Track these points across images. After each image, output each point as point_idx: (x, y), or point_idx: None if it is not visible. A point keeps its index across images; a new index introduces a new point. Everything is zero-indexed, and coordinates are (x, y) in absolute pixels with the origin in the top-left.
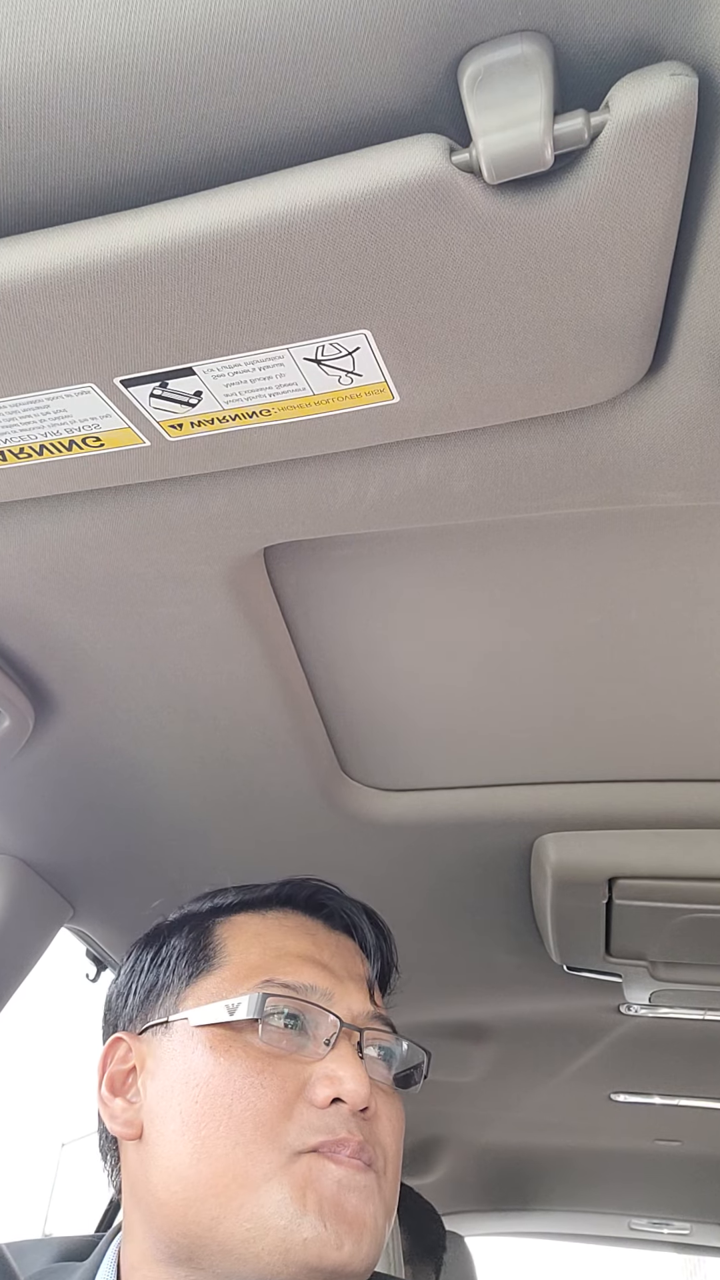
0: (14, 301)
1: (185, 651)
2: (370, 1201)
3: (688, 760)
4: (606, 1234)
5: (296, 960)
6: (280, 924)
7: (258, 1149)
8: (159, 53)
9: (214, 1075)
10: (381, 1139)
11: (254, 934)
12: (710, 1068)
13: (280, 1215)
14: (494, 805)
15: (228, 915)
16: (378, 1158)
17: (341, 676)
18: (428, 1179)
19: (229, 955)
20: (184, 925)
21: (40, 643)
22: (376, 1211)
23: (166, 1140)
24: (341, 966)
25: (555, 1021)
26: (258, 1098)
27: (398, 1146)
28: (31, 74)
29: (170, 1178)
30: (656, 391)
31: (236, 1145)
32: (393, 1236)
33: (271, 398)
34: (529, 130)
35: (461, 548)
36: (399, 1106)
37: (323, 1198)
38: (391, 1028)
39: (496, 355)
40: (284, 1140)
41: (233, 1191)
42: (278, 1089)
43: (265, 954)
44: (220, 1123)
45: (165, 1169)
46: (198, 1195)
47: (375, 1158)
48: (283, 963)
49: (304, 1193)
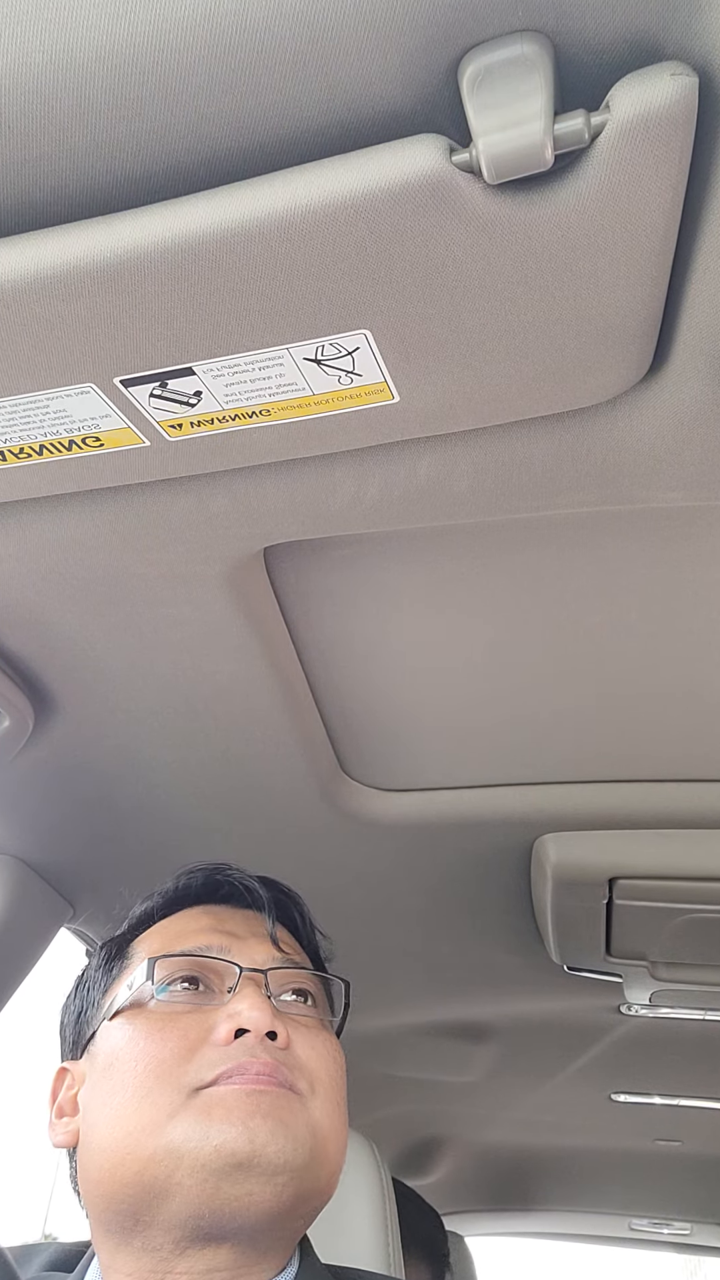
0: (14, 301)
1: (185, 651)
2: (288, 1111)
3: (688, 760)
4: (606, 1234)
5: (195, 933)
6: (186, 915)
7: (158, 1094)
8: (159, 53)
9: (121, 1046)
10: (304, 1064)
11: (160, 930)
12: (710, 1068)
13: (189, 1140)
14: (494, 805)
15: (144, 927)
16: (298, 1080)
17: (341, 676)
18: (428, 1179)
19: (137, 955)
20: (103, 949)
21: (40, 643)
22: (299, 1121)
23: (92, 1127)
24: (245, 930)
25: (555, 1021)
26: (158, 1049)
27: (330, 1073)
28: (31, 74)
29: (97, 1156)
30: (656, 391)
31: (141, 1098)
32: (393, 1237)
33: (271, 398)
34: (529, 130)
35: (461, 548)
36: (326, 1038)
37: (229, 1108)
38: (302, 969)
39: (496, 355)
40: (183, 1080)
41: (142, 1141)
42: (179, 1038)
43: (166, 939)
44: (127, 1085)
45: (94, 1150)
46: (118, 1158)
47: (295, 1080)
48: (182, 939)
49: (209, 1113)
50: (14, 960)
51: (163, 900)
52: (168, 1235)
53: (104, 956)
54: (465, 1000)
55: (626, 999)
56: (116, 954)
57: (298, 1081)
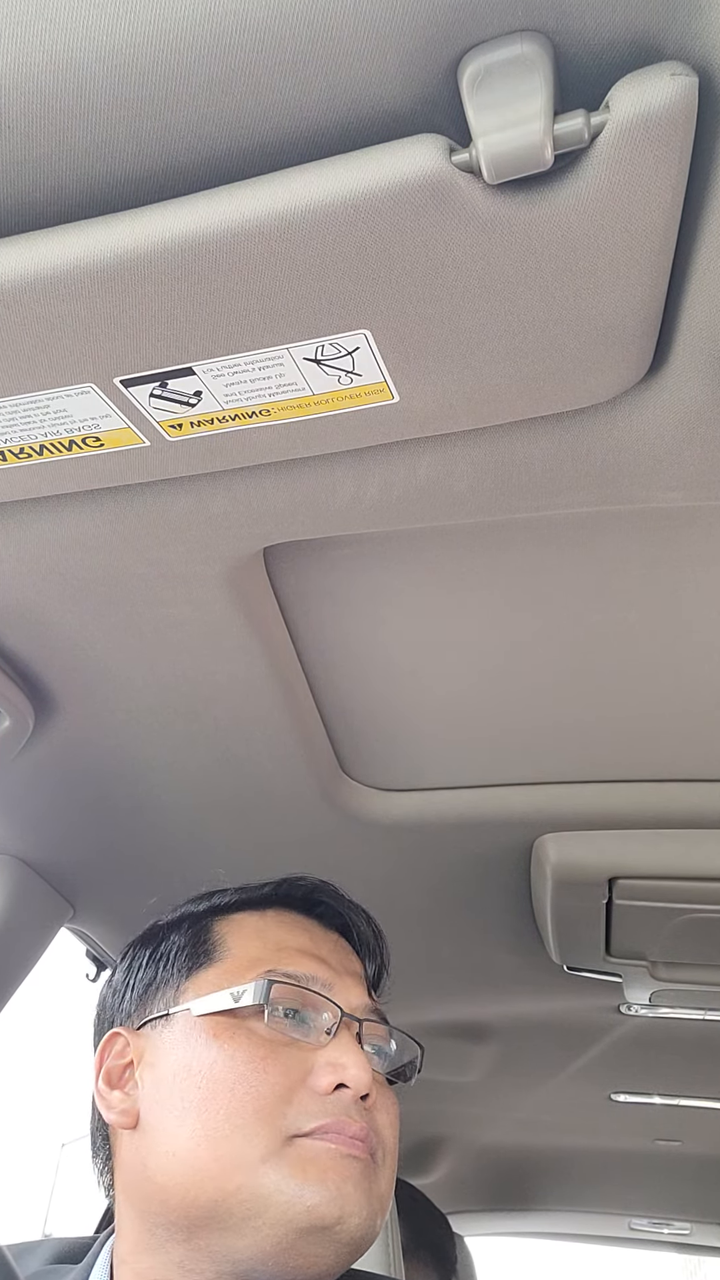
0: (14, 301)
1: (185, 651)
2: (371, 1181)
3: (688, 760)
4: (606, 1234)
5: (296, 953)
6: (278, 921)
7: (256, 1132)
8: (159, 53)
9: (217, 1062)
10: (381, 1130)
11: (253, 930)
12: (710, 1068)
13: (281, 1192)
14: (494, 805)
15: (226, 914)
16: (378, 1149)
17: (341, 676)
18: (428, 1179)
19: (229, 949)
20: (182, 923)
21: (40, 643)
22: (376, 1194)
23: (165, 1126)
24: (339, 962)
25: (555, 1021)
26: (260, 1082)
27: (394, 1142)
28: (31, 74)
29: (169, 1161)
30: (656, 391)
31: (236, 1129)
32: (393, 1238)
33: (271, 398)
34: (529, 130)
35: (461, 548)
36: (395, 1101)
37: (324, 1169)
38: (386, 1024)
39: (496, 355)
40: (282, 1124)
41: (230, 1174)
42: (280, 1074)
43: (265, 947)
44: (221, 1107)
45: (163, 1153)
46: (196, 1179)
47: (375, 1148)
48: (283, 955)
49: (304, 1169)
50: (14, 960)
51: (255, 895)
52: (214, 1265)
53: (188, 933)
54: (465, 1000)
55: (626, 999)
56: (201, 937)
57: (377, 1151)
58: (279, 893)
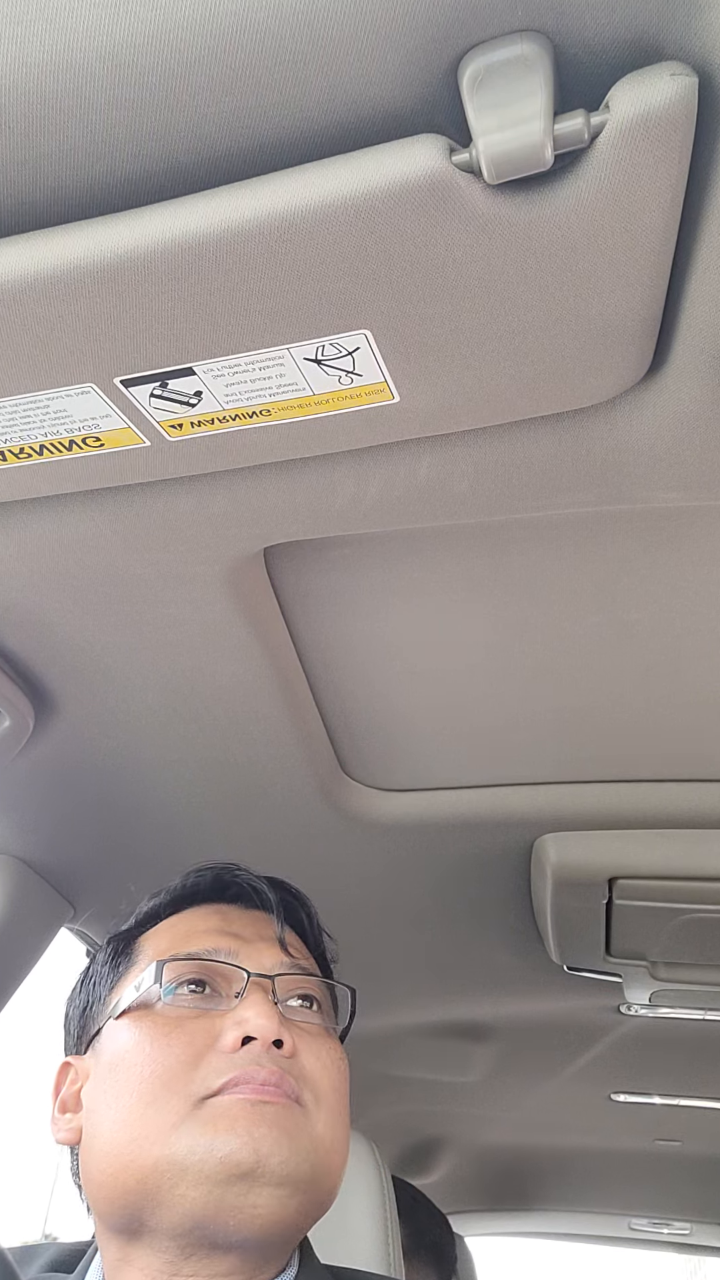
0: (14, 301)
1: (185, 651)
2: (292, 1123)
3: (688, 760)
4: (606, 1234)
5: (202, 934)
6: (193, 914)
7: (166, 1103)
8: (159, 53)
9: (127, 1049)
10: (308, 1075)
11: (167, 929)
12: (710, 1068)
13: (193, 1152)
14: (494, 805)
15: (148, 925)
16: (304, 1092)
17: (341, 676)
18: (428, 1179)
19: (144, 953)
20: (109, 945)
21: (40, 643)
22: (303, 1134)
23: (97, 1128)
24: (253, 932)
25: (555, 1021)
26: (164, 1055)
27: (334, 1084)
28: (31, 74)
29: (102, 1159)
30: (656, 391)
31: (147, 1105)
32: (393, 1238)
33: (271, 398)
34: (529, 130)
35: (461, 548)
36: (331, 1046)
37: (234, 1119)
38: (311, 974)
39: (496, 355)
40: (191, 1089)
41: (146, 1150)
42: (185, 1044)
43: (174, 939)
44: (133, 1089)
45: (97, 1153)
46: (121, 1164)
47: (300, 1092)
48: (190, 939)
49: (214, 1124)
50: (14, 960)
51: (170, 898)
52: (172, 1241)
53: (110, 952)
54: (465, 1000)
55: (626, 999)
56: (123, 950)
57: (303, 1093)
58: (188, 886)
